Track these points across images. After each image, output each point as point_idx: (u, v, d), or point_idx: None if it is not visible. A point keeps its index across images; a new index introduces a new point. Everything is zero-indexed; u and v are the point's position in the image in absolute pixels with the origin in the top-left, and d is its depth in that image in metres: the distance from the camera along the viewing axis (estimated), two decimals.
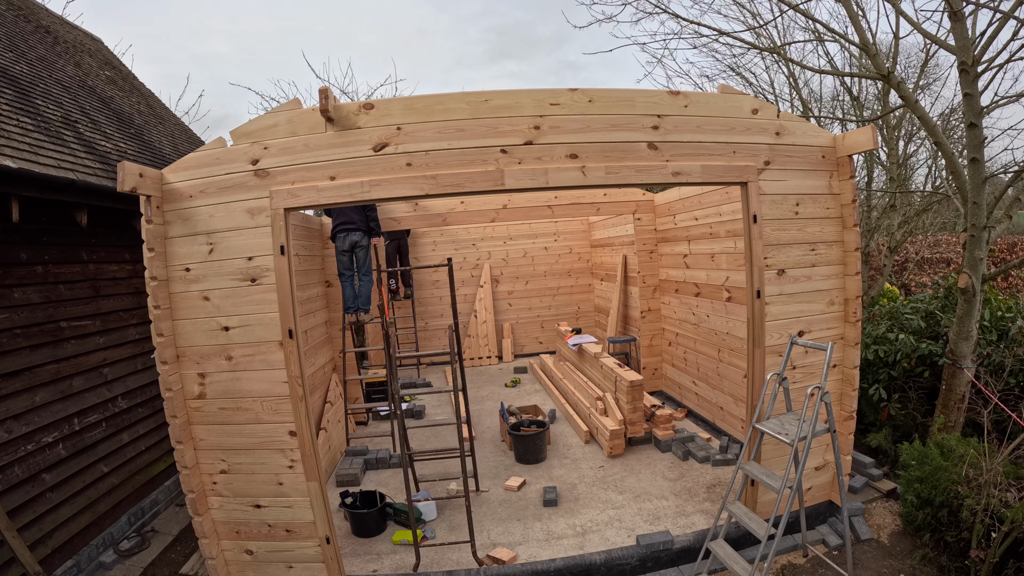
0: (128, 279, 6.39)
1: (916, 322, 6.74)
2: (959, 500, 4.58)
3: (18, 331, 4.85)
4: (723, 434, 6.97)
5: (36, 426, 4.95)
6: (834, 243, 4.96)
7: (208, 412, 4.36)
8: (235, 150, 4.17)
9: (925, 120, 5.93)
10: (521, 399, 9.56)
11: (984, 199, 5.43)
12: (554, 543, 5.02)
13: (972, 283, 5.52)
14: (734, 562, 4.11)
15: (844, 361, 5.07)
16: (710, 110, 4.54)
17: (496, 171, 4.21)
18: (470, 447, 5.79)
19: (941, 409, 5.96)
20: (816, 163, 4.84)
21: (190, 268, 4.23)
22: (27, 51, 7.27)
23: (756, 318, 4.78)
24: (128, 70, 11.09)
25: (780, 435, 4.26)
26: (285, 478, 4.40)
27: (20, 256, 4.96)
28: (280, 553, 4.56)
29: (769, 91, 10.77)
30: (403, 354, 5.62)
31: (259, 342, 4.25)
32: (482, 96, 4.21)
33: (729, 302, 6.77)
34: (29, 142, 4.99)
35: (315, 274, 7.84)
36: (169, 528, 6.17)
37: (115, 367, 6.06)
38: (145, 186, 4.02)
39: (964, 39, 5.11)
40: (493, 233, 12.90)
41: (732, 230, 6.54)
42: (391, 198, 4.24)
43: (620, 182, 4.41)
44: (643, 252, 8.97)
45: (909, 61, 11.30)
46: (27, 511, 4.75)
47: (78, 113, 6.74)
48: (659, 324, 9.05)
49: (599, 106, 4.33)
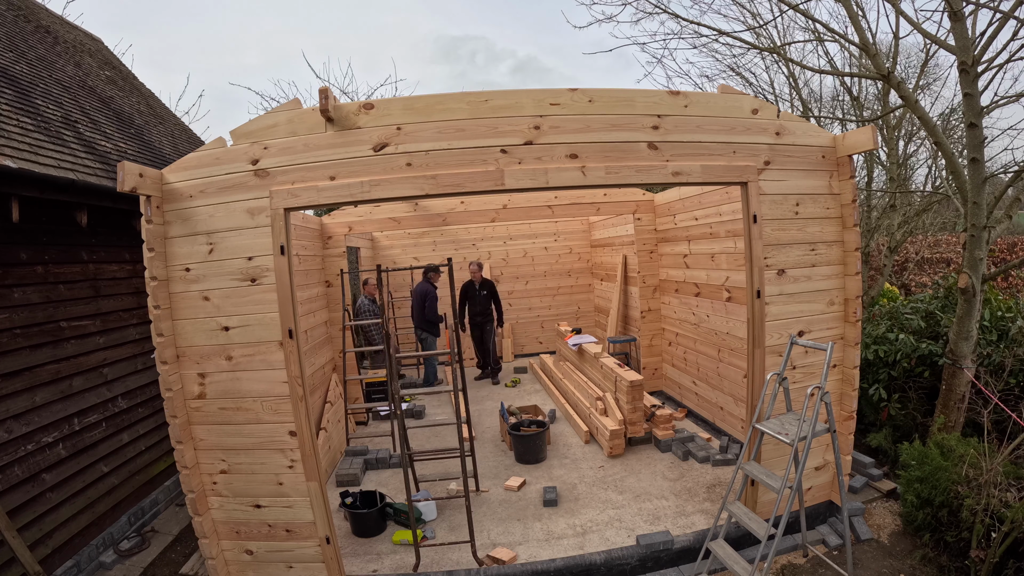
0: (128, 279, 6.39)
1: (916, 322, 6.74)
2: (959, 500, 4.57)
3: (18, 331, 4.85)
4: (723, 434, 6.97)
5: (36, 426, 4.94)
6: (834, 243, 4.95)
7: (208, 412, 4.36)
8: (235, 150, 4.17)
9: (925, 120, 5.93)
10: (521, 399, 9.56)
11: (984, 199, 5.43)
12: (554, 543, 5.02)
13: (972, 283, 5.52)
14: (734, 562, 4.11)
15: (844, 361, 5.07)
16: (710, 110, 4.54)
17: (496, 171, 4.21)
18: (470, 447, 5.78)
19: (941, 409, 5.95)
20: (816, 163, 4.84)
21: (190, 268, 4.23)
22: (27, 51, 7.27)
23: (756, 318, 4.78)
24: (128, 70, 11.10)
25: (780, 435, 4.25)
26: (285, 478, 4.40)
27: (20, 256, 4.96)
28: (280, 553, 4.56)
29: (769, 91, 10.77)
30: (404, 354, 5.61)
31: (259, 342, 4.25)
32: (482, 96, 4.21)
33: (729, 302, 6.77)
34: (29, 142, 4.99)
35: (315, 274, 7.83)
36: (169, 528, 6.17)
37: (115, 367, 6.06)
38: (145, 186, 4.02)
39: (964, 39, 5.11)
40: (493, 233, 12.90)
41: (732, 230, 6.54)
42: (391, 198, 4.24)
43: (620, 182, 4.41)
44: (643, 252, 8.97)
45: (909, 61, 11.32)
46: (27, 511, 4.75)
47: (78, 113, 6.74)
48: (659, 324, 9.05)
49: (599, 106, 4.33)
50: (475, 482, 6.05)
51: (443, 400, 9.73)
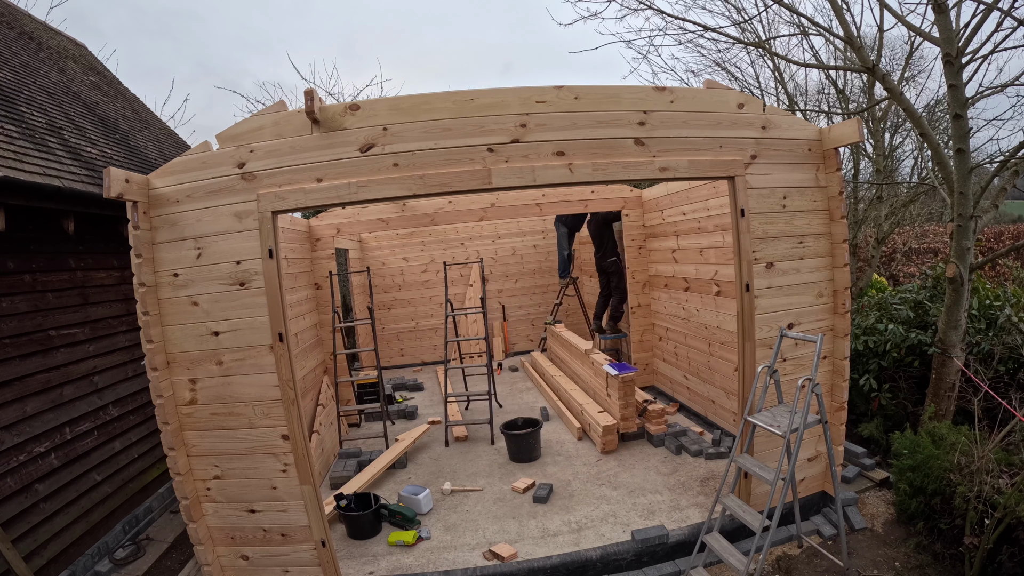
0: (116, 286, 6.35)
1: (905, 312, 6.79)
2: (951, 488, 4.61)
3: (7, 341, 4.81)
4: (715, 427, 7.00)
5: (27, 436, 4.91)
6: (822, 235, 4.98)
7: (200, 418, 4.34)
8: (221, 154, 4.16)
9: (911, 112, 5.96)
10: (513, 397, 9.57)
11: (970, 189, 5.47)
12: (550, 540, 5.03)
13: (960, 272, 5.56)
14: (729, 554, 4.13)
15: (834, 352, 5.10)
16: (696, 105, 4.55)
17: (483, 170, 4.21)
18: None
19: (931, 398, 6.00)
20: (803, 156, 4.86)
21: (178, 273, 4.21)
22: (10, 58, 7.20)
23: (746, 311, 4.80)
24: (112, 75, 11.01)
25: (772, 427, 4.28)
26: (279, 482, 4.38)
27: (7, 265, 4.92)
28: (276, 558, 4.55)
29: (755, 85, 10.80)
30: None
31: (249, 346, 4.23)
32: (468, 95, 4.21)
33: (719, 296, 6.79)
34: (14, 150, 4.95)
35: (304, 277, 7.81)
36: (164, 535, 6.14)
37: (105, 375, 6.02)
38: (131, 192, 4.00)
39: (948, 31, 5.14)
40: (481, 232, 12.89)
41: (720, 224, 6.56)
42: (379, 199, 4.23)
43: (607, 179, 4.42)
44: (632, 248, 8.98)
45: (894, 54, 11.37)
46: (21, 522, 4.72)
47: (63, 119, 6.69)
48: (649, 319, 9.07)
49: (585, 103, 4.33)
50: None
51: (435, 400, 9.70)
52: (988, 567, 4.28)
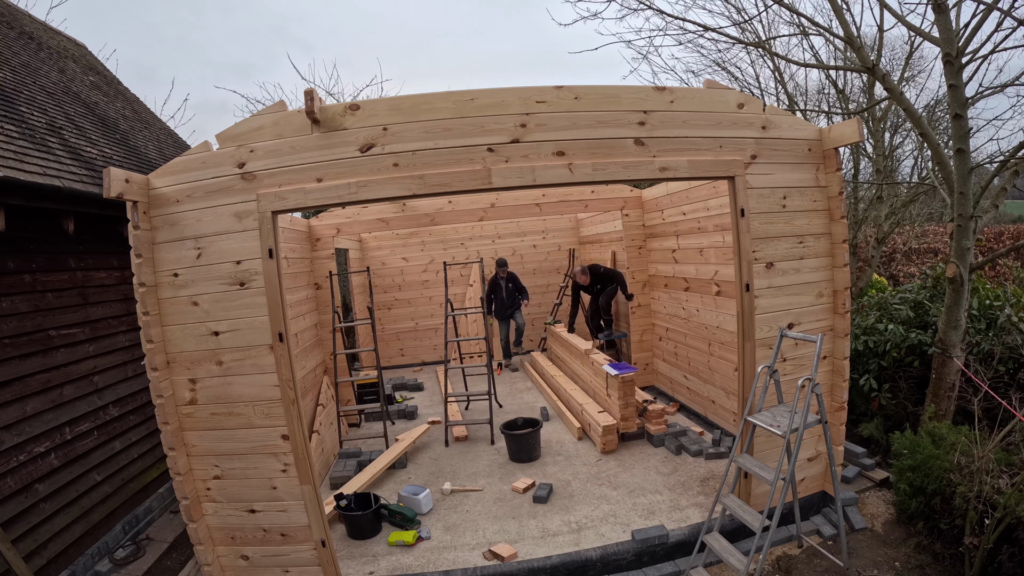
0: (116, 286, 6.35)
1: (905, 312, 6.79)
2: (952, 488, 4.61)
3: (7, 341, 4.81)
4: (715, 427, 7.00)
5: (27, 436, 4.91)
6: (822, 235, 4.98)
7: (200, 418, 4.34)
8: (221, 154, 4.15)
9: (910, 112, 5.97)
10: (513, 397, 9.57)
11: (970, 189, 5.47)
12: (550, 540, 5.03)
13: (960, 272, 5.56)
14: (730, 554, 4.13)
15: (834, 352, 5.09)
16: (696, 105, 4.55)
17: (483, 170, 4.21)
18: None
19: (931, 398, 6.00)
20: (803, 156, 4.86)
21: (178, 273, 4.21)
22: (10, 58, 7.21)
23: (746, 311, 4.80)
24: (112, 75, 11.01)
25: (772, 427, 4.28)
26: (279, 482, 4.38)
27: (7, 265, 4.92)
28: (276, 558, 4.55)
29: (755, 85, 10.81)
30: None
31: (249, 346, 4.23)
32: (468, 95, 4.21)
33: (719, 296, 6.79)
34: (14, 150, 4.95)
35: (304, 276, 7.81)
36: (164, 535, 6.14)
37: (105, 375, 6.02)
38: (131, 192, 3.99)
39: (948, 31, 5.15)
40: (481, 232, 12.88)
41: (720, 224, 6.56)
42: (379, 199, 4.23)
43: (607, 178, 4.42)
44: (632, 248, 8.98)
45: (894, 54, 11.39)
46: (21, 522, 4.72)
47: (63, 119, 6.69)
48: (649, 319, 9.07)
49: (585, 103, 4.33)
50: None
51: (435, 400, 9.70)
52: (988, 567, 4.28)
